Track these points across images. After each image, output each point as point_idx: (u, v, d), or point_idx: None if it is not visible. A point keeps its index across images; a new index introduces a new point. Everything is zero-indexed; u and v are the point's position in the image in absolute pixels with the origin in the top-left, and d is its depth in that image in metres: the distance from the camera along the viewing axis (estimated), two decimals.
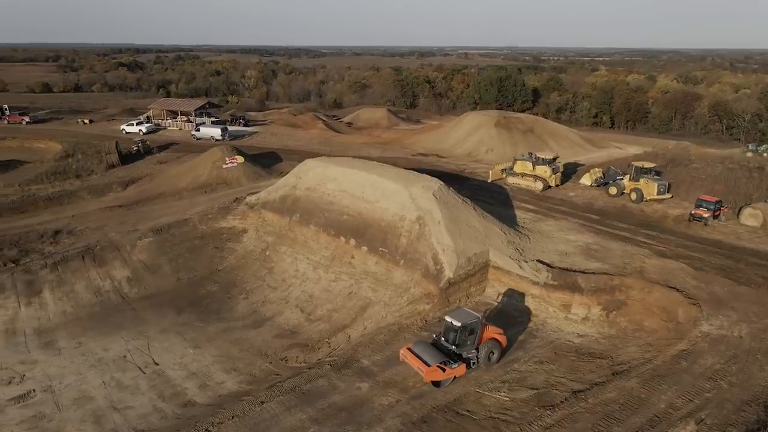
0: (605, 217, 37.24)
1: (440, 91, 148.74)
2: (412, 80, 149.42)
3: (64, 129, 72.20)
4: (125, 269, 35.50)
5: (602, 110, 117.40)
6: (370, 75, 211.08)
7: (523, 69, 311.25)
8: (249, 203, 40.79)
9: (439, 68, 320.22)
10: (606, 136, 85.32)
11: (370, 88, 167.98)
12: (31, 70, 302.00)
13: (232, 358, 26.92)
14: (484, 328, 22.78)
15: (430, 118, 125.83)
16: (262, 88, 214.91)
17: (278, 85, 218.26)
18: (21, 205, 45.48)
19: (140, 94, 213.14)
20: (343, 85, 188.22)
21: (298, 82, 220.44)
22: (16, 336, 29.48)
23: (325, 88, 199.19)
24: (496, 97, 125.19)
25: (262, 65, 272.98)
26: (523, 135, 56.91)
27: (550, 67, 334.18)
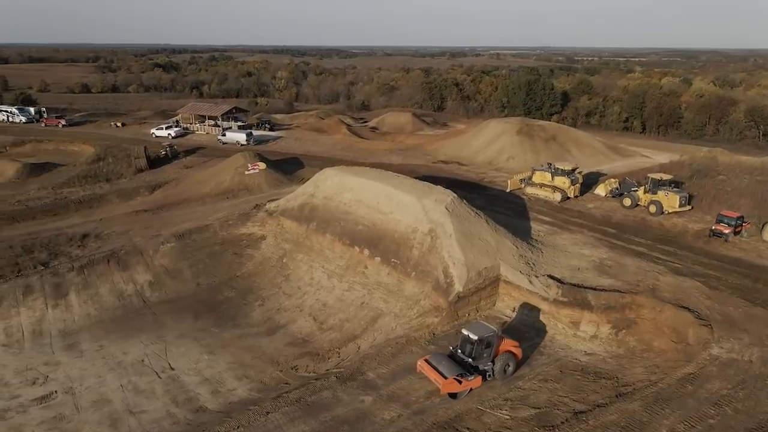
0: (623, 230, 36.80)
1: (468, 93, 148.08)
2: (440, 83, 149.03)
3: (97, 132, 74.66)
4: (147, 273, 36.64)
5: (633, 115, 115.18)
6: (399, 76, 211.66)
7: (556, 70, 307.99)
8: (268, 210, 41.62)
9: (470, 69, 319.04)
10: (635, 142, 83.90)
11: (398, 90, 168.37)
12: (72, 71, 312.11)
13: (245, 365, 27.64)
14: (500, 341, 23.20)
15: (457, 121, 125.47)
16: (291, 89, 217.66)
17: (308, 86, 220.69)
18: (54, 208, 47.34)
19: (174, 94, 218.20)
20: (371, 86, 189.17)
21: (328, 83, 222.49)
22: (42, 337, 30.85)
23: (354, 90, 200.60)
24: (524, 100, 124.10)
25: (293, 66, 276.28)
26: (545, 143, 56.48)
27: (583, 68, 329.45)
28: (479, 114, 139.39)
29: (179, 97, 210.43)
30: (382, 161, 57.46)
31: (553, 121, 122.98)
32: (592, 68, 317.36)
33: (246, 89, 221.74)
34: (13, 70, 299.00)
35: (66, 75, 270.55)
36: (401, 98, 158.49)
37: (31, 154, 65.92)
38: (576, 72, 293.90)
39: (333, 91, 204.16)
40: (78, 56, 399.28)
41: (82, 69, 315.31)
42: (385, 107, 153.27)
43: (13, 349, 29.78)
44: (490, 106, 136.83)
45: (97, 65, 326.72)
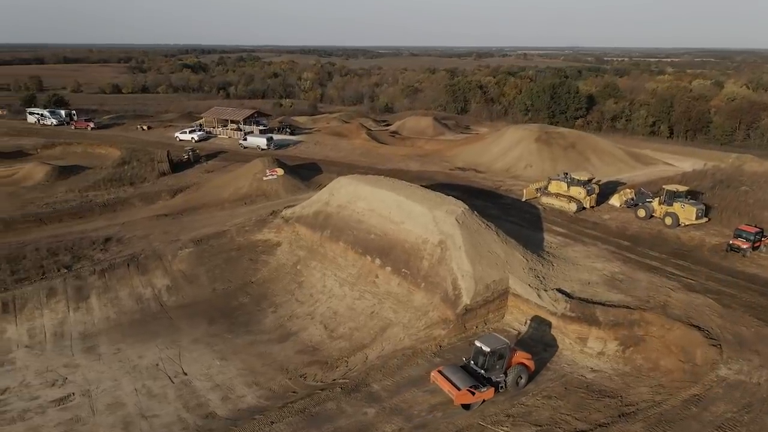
0: (637, 243, 36.37)
1: (492, 96, 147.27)
2: (464, 85, 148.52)
3: (123, 135, 76.55)
4: (166, 278, 37.57)
5: (660, 119, 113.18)
6: (424, 78, 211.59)
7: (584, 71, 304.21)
8: (284, 217, 42.28)
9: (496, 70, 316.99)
10: (662, 147, 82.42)
11: (422, 92, 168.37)
12: (104, 71, 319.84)
13: (255, 372, 28.24)
14: (513, 353, 23.47)
15: (480, 124, 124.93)
16: (316, 90, 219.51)
17: (333, 88, 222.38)
18: (79, 211, 48.81)
19: (201, 95, 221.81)
20: (395, 88, 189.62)
21: (353, 84, 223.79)
22: (63, 339, 31.96)
23: (378, 91, 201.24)
24: (548, 104, 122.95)
25: (318, 67, 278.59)
26: (564, 151, 55.98)
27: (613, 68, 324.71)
28: (503, 117, 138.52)
29: (206, 97, 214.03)
30: (399, 167, 57.72)
31: (578, 125, 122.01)
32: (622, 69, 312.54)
33: (272, 90, 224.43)
34: (49, 70, 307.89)
35: (98, 75, 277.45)
36: (425, 100, 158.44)
37: (61, 156, 67.97)
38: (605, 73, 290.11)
39: (357, 92, 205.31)
40: (110, 57, 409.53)
41: (113, 69, 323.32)
42: (408, 109, 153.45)
43: (35, 350, 30.94)
44: (514, 109, 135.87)
45: (129, 66, 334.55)
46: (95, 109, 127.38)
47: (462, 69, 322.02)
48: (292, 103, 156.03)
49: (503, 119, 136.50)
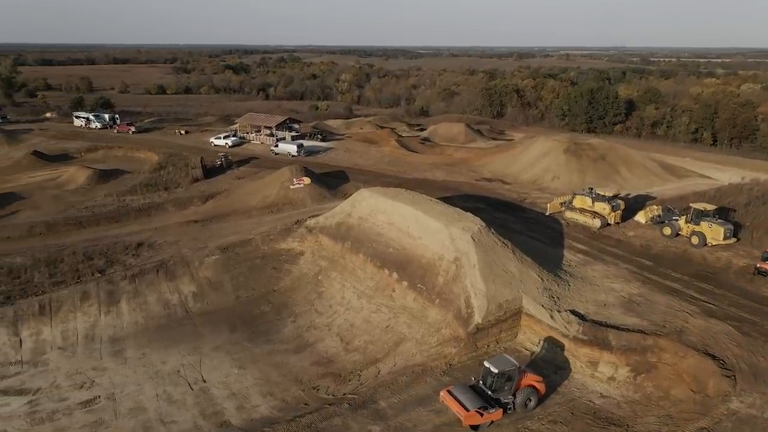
0: (660, 263, 35.65)
1: (529, 100, 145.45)
2: (501, 89, 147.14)
3: (162, 139, 79.23)
4: (192, 284, 38.90)
5: (703, 126, 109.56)
6: (461, 80, 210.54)
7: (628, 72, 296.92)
8: (308, 226, 43.14)
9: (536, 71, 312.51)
10: (703, 156, 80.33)
11: (458, 95, 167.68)
12: (151, 72, 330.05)
13: (270, 382, 29.07)
14: (523, 375, 23.61)
15: (516, 129, 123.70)
16: (354, 92, 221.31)
17: (370, 89, 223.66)
18: (116, 215, 50.92)
19: (242, 96, 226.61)
20: (432, 91, 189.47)
21: (390, 86, 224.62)
22: (93, 342, 33.55)
23: (415, 94, 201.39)
24: (585, 109, 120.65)
25: (356, 68, 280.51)
26: (593, 163, 55.10)
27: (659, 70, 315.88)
28: (539, 122, 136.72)
29: (246, 99, 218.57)
30: (425, 177, 57.97)
31: (616, 131, 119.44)
32: (668, 70, 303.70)
33: (310, 91, 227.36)
34: (99, 71, 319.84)
35: (145, 76, 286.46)
36: (460, 104, 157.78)
37: (102, 160, 70.92)
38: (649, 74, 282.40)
39: (394, 94, 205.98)
40: (157, 57, 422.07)
41: (160, 70, 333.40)
42: (444, 113, 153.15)
43: (67, 352, 32.60)
44: (551, 114, 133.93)
45: (174, 66, 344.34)
46: (139, 111, 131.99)
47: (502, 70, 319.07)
48: (328, 106, 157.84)
49: (539, 124, 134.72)
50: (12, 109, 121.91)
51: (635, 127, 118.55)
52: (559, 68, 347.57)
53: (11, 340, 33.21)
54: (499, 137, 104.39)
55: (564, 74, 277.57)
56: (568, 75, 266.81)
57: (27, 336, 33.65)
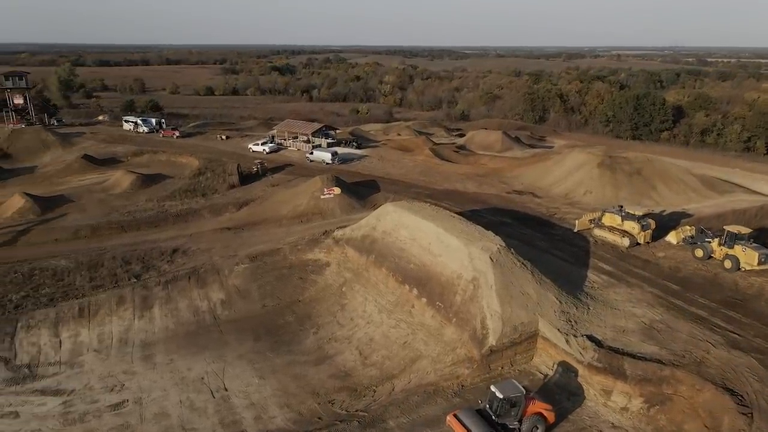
0: (688, 288, 34.65)
1: (573, 105, 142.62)
2: (543, 94, 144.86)
3: (203, 144, 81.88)
4: (221, 292, 40.29)
5: (756, 134, 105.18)
6: (505, 82, 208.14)
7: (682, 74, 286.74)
8: (335, 237, 43.98)
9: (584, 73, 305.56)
10: (755, 167, 77.42)
11: (501, 99, 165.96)
12: (201, 73, 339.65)
13: (288, 394, 29.92)
14: (530, 402, 23.60)
15: (558, 135, 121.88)
16: (396, 94, 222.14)
17: (412, 92, 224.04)
18: (155, 220, 53.14)
19: (286, 98, 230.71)
20: (474, 94, 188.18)
21: (433, 88, 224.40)
22: (126, 346, 35.25)
23: (457, 97, 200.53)
24: (630, 115, 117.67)
25: (400, 70, 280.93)
26: (628, 177, 53.78)
27: (716, 72, 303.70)
28: (582, 128, 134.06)
29: (290, 100, 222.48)
30: (456, 188, 57.97)
31: (663, 138, 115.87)
32: (726, 72, 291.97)
33: (353, 93, 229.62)
34: (152, 71, 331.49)
35: (195, 77, 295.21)
36: (502, 108, 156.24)
37: (147, 164, 73.90)
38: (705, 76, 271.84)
39: (436, 97, 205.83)
40: (208, 58, 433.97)
41: (209, 71, 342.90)
42: (485, 117, 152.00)
43: (102, 354, 34.38)
44: (594, 119, 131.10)
45: (223, 67, 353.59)
46: (186, 114, 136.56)
47: (549, 71, 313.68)
48: (368, 110, 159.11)
49: (582, 130, 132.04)
50: (68, 111, 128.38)
51: (683, 134, 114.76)
52: (609, 69, 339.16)
53: (52, 341, 35.28)
54: (539, 144, 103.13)
55: (613, 76, 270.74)
56: (618, 77, 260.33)
57: (66, 337, 35.66)
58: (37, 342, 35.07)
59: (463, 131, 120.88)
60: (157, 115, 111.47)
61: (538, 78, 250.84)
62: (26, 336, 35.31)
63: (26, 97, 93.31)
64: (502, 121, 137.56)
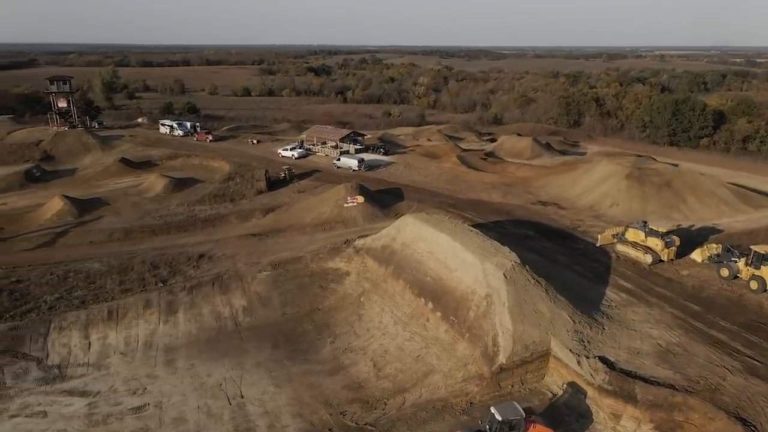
0: (709, 309, 33.82)
1: (609, 109, 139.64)
2: (579, 97, 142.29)
3: (235, 149, 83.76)
4: (243, 299, 41.31)
5: None
6: (541, 84, 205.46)
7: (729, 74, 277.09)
8: (356, 247, 44.55)
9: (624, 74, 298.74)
10: None
11: (535, 102, 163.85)
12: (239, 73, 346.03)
13: (302, 403, 30.58)
14: (530, 425, 23.62)
15: (592, 140, 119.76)
16: (430, 96, 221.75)
17: (446, 94, 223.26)
18: (185, 225, 54.79)
19: (321, 99, 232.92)
20: (509, 97, 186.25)
21: (467, 90, 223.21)
22: (150, 349, 36.54)
23: (491, 99, 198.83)
24: (668, 121, 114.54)
25: (435, 72, 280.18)
26: (657, 190, 52.51)
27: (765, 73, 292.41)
28: (618, 133, 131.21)
29: (325, 101, 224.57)
30: (481, 197, 57.78)
31: (702, 145, 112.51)
32: None
33: (387, 95, 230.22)
34: (192, 72, 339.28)
35: (233, 78, 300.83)
36: (536, 112, 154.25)
37: (180, 168, 76.07)
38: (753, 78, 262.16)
39: (470, 99, 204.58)
40: (246, 59, 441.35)
41: (248, 71, 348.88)
42: (517, 121, 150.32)
43: (127, 357, 35.75)
44: (631, 124, 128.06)
45: (261, 68, 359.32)
46: (221, 116, 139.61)
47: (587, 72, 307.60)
48: (401, 113, 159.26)
49: (618, 135, 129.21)
50: (110, 113, 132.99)
51: (723, 141, 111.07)
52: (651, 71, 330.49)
53: (81, 343, 36.89)
54: (571, 150, 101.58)
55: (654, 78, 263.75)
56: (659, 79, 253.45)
57: (95, 339, 37.22)
58: (68, 343, 36.72)
59: (495, 136, 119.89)
60: (193, 118, 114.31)
61: (575, 79, 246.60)
62: (58, 337, 37.01)
63: (69, 100, 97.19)
64: (536, 126, 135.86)
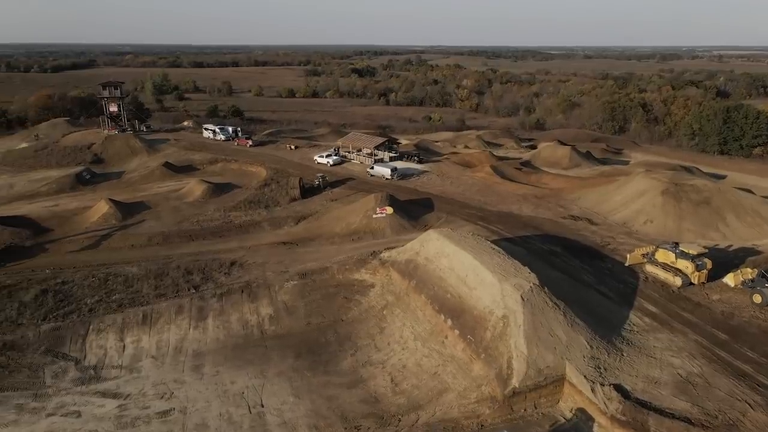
0: (737, 338, 32.73)
1: (657, 115, 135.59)
2: (625, 103, 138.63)
3: (273, 154, 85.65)
4: (270, 307, 42.46)
5: None
6: (587, 88, 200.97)
7: None
8: (382, 259, 45.14)
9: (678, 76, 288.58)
10: None
11: (580, 107, 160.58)
12: (286, 74, 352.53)
13: (319, 415, 31.35)
14: None
15: (636, 148, 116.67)
16: (473, 99, 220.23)
17: (490, 97, 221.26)
18: (220, 230, 56.63)
19: (363, 101, 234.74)
20: (553, 101, 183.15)
21: (511, 94, 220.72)
22: (180, 354, 38.08)
23: (535, 103, 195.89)
24: (719, 129, 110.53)
25: (479, 74, 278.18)
26: (695, 207, 50.79)
27: None
28: (665, 140, 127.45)
29: (367, 104, 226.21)
30: (511, 210, 57.32)
31: (755, 154, 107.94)
32: None
33: (430, 98, 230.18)
34: (239, 73, 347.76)
35: (280, 79, 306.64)
36: (581, 117, 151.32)
37: (220, 172, 78.47)
38: None
39: (514, 103, 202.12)
40: (293, 59, 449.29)
41: (294, 72, 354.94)
42: (560, 127, 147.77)
43: (158, 361, 37.38)
44: (679, 132, 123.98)
45: (307, 69, 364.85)
46: (264, 120, 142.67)
47: (639, 74, 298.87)
48: (441, 117, 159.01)
49: (665, 143, 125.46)
50: (159, 115, 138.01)
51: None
52: (707, 73, 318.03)
53: (117, 345, 38.82)
54: (613, 159, 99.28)
55: (710, 81, 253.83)
56: (715, 82, 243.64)
57: (129, 342, 39.09)
58: (104, 345, 38.71)
59: (536, 142, 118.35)
60: (236, 121, 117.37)
61: (625, 82, 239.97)
62: (96, 339, 39.08)
63: (120, 105, 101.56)
64: (579, 132, 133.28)
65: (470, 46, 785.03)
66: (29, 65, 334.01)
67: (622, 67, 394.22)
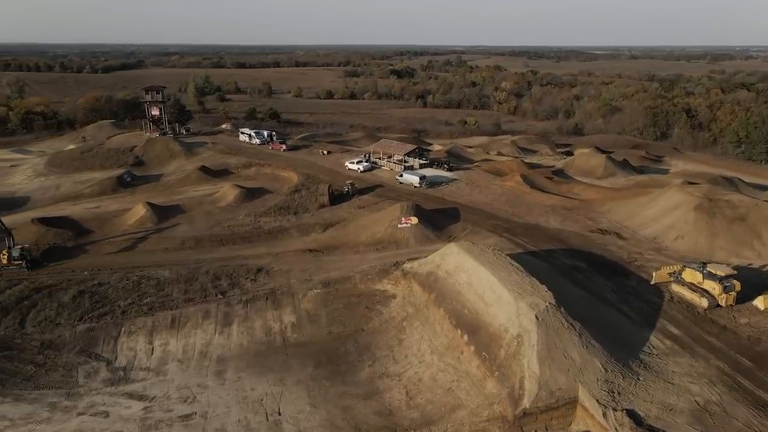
0: (762, 365, 31.69)
1: (701, 121, 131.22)
2: (668, 108, 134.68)
3: (306, 159, 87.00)
4: (293, 315, 43.46)
5: None
6: (630, 91, 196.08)
7: None
8: (404, 270, 45.55)
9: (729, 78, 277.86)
10: None
11: (621, 111, 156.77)
12: (325, 75, 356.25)
13: (333, 426, 32.04)
14: None
15: (678, 155, 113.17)
16: (511, 101, 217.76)
17: (528, 100, 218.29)
18: (249, 236, 58.10)
19: (401, 103, 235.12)
20: (593, 104, 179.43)
21: (550, 97, 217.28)
22: (205, 359, 39.42)
23: (575, 106, 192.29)
24: (766, 136, 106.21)
25: (518, 76, 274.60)
26: (729, 224, 49.10)
27: None
28: (710, 147, 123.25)
29: (405, 106, 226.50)
30: (538, 222, 56.76)
31: None
32: None
33: (467, 100, 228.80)
34: (280, 73, 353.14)
35: (319, 80, 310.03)
36: (621, 122, 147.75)
37: (254, 177, 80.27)
38: None
39: (553, 106, 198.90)
40: (333, 60, 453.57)
41: (333, 73, 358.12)
42: (599, 132, 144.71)
43: (183, 365, 38.81)
44: (725, 139, 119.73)
45: (346, 70, 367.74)
46: (301, 122, 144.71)
47: (687, 76, 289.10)
48: (476, 121, 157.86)
49: (709, 150, 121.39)
50: (200, 117, 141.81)
51: None
52: (760, 74, 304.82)
53: (146, 348, 40.51)
54: (651, 167, 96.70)
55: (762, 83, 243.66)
56: None
57: (158, 345, 40.72)
58: (134, 347, 40.46)
59: (572, 148, 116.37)
60: (273, 124, 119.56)
61: (671, 84, 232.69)
62: (127, 341, 40.88)
63: (161, 109, 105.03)
64: (618, 138, 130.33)
65: (512, 46, 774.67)
66: (82, 65, 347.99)
67: (669, 68, 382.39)
